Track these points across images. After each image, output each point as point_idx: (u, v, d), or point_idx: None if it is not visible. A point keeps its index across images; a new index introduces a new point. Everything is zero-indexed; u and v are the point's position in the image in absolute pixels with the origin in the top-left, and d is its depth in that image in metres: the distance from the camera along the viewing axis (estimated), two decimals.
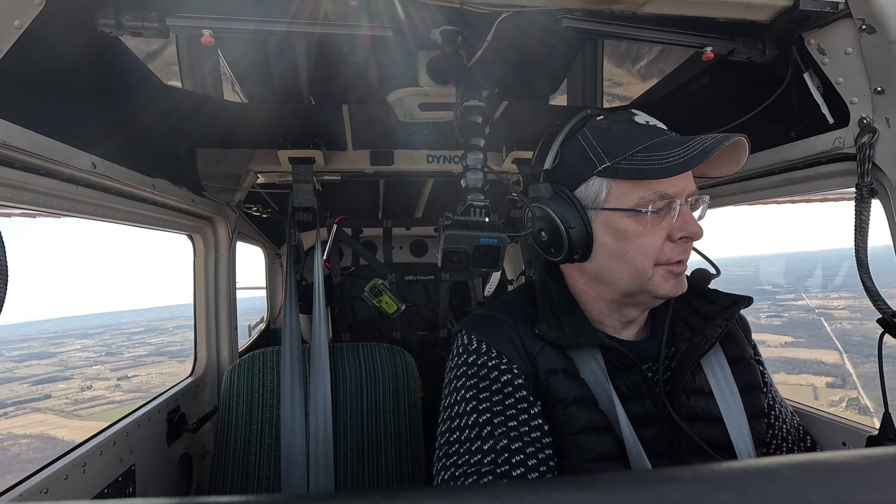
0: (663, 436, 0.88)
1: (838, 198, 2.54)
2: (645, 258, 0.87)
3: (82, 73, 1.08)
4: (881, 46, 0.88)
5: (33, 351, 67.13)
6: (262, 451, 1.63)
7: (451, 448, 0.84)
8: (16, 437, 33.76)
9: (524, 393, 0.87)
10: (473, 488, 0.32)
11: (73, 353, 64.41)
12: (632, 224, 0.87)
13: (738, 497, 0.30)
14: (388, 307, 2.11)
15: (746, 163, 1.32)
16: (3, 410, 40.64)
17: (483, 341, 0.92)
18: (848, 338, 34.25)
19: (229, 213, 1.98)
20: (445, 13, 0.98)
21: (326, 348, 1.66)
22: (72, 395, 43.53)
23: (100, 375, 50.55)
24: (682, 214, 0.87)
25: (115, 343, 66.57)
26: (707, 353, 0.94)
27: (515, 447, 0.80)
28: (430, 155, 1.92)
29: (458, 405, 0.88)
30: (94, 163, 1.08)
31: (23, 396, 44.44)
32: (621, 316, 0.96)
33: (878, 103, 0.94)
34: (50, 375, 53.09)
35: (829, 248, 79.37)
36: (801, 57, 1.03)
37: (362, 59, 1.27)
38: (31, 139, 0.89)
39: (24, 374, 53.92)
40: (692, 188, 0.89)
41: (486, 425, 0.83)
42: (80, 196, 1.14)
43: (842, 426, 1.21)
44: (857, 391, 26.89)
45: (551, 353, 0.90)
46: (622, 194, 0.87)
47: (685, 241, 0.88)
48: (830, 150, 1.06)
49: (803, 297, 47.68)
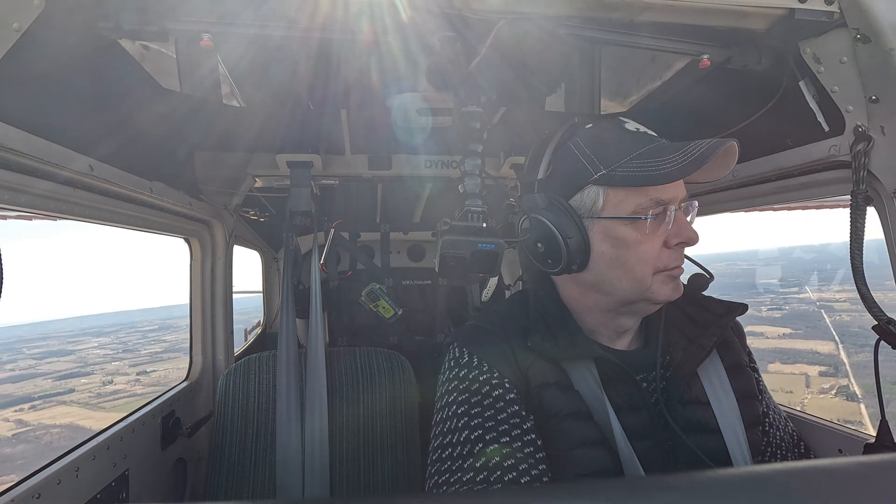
0: (659, 448, 0.87)
1: (834, 205, 2.56)
2: (644, 266, 0.86)
3: (81, 76, 1.08)
4: (876, 55, 0.89)
5: (52, 349, 69.19)
6: (257, 456, 1.62)
7: (444, 465, 0.83)
8: (47, 427, 36.07)
9: (516, 408, 0.85)
10: (470, 494, 0.32)
11: (92, 350, 66.74)
12: (630, 232, 0.86)
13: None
14: (385, 312, 2.10)
15: (743, 169, 1.34)
16: (30, 404, 42.70)
17: (475, 354, 0.91)
18: (846, 329, 34.93)
19: (227, 216, 1.97)
20: (444, 19, 0.99)
21: (323, 353, 1.65)
22: (94, 389, 46.18)
23: (119, 371, 52.84)
24: (677, 220, 0.87)
25: (131, 340, 68.72)
26: (703, 362, 0.93)
27: (508, 464, 0.79)
28: (428, 160, 1.92)
29: (449, 420, 0.87)
30: (91, 165, 1.08)
31: (48, 391, 47.05)
32: (616, 326, 0.95)
33: (873, 112, 0.95)
34: (71, 371, 55.36)
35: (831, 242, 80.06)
36: (797, 65, 1.04)
37: (361, 63, 1.28)
38: (29, 141, 0.89)
39: (46, 371, 56.72)
40: (684, 194, 0.89)
41: (478, 442, 0.82)
42: (78, 199, 1.14)
43: (838, 433, 1.21)
44: (848, 379, 27.62)
45: (544, 366, 0.89)
46: (619, 202, 0.86)
47: (680, 246, 0.88)
48: (826, 158, 1.07)
49: (806, 290, 48.32)
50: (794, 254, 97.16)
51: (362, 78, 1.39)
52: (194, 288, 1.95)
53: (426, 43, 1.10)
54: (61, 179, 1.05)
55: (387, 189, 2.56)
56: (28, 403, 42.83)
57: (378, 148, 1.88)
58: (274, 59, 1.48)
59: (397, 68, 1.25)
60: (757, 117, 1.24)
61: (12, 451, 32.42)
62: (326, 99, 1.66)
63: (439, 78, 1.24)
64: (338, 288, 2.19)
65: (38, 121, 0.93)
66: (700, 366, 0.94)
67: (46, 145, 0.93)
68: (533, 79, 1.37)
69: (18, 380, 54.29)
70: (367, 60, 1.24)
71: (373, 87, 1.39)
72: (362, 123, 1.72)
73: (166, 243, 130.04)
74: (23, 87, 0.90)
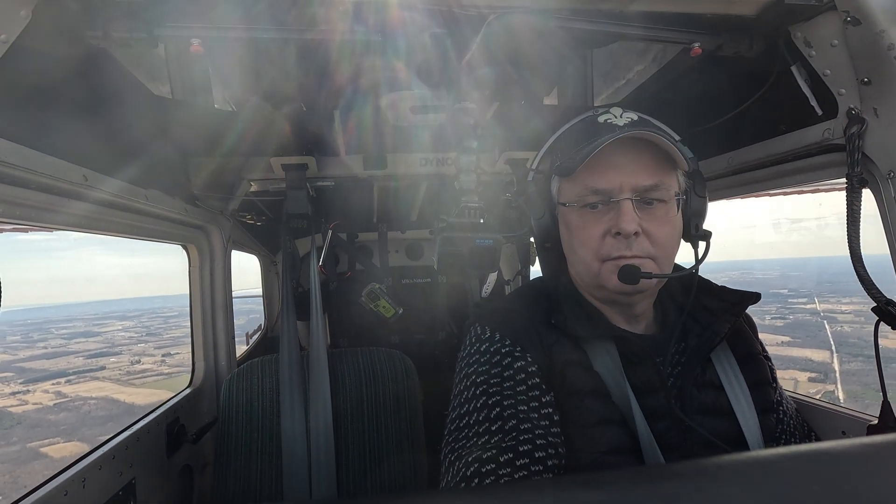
0: (675, 429, 0.89)
1: (829, 188, 2.56)
2: (585, 251, 0.91)
3: (71, 86, 1.07)
4: (867, 38, 0.89)
5: (79, 330, 72.49)
6: (263, 460, 1.62)
7: (461, 433, 0.85)
8: (84, 399, 39.67)
9: (536, 380, 0.88)
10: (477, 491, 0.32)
11: (117, 332, 70.39)
12: (575, 218, 0.93)
13: (742, 489, 0.30)
14: (386, 311, 2.11)
15: (737, 156, 1.34)
16: (66, 378, 45.76)
17: (497, 331, 0.93)
18: (844, 339, 36.31)
19: (223, 221, 1.97)
20: (434, 16, 0.98)
21: (325, 354, 1.65)
22: (123, 367, 49.50)
23: (145, 352, 55.79)
24: (620, 209, 0.88)
25: (154, 325, 72.06)
26: (716, 348, 0.95)
27: (524, 427, 0.81)
28: (423, 158, 1.92)
29: (468, 391, 0.89)
30: (85, 175, 1.07)
31: (80, 367, 50.45)
32: (620, 311, 0.97)
33: (865, 94, 0.95)
34: (100, 350, 58.42)
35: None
36: (788, 50, 1.04)
37: (353, 64, 1.27)
38: (22, 154, 0.88)
39: (76, 350, 60.03)
40: (635, 183, 0.88)
41: (494, 407, 0.84)
42: (73, 209, 1.14)
43: (841, 415, 1.22)
44: (836, 385, 29.05)
45: (566, 345, 0.91)
46: (567, 190, 0.95)
47: (620, 237, 0.88)
48: (820, 142, 1.07)
49: (814, 301, 49.55)
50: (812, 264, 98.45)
51: (354, 78, 1.39)
52: (194, 294, 1.94)
53: (417, 40, 1.10)
54: (55, 191, 1.04)
55: (383, 188, 2.55)
56: (64, 378, 45.65)
57: (372, 148, 1.87)
58: (264, 62, 1.47)
59: (388, 67, 1.25)
60: (750, 103, 1.24)
61: (56, 418, 34.99)
62: (319, 100, 1.65)
63: (431, 75, 1.24)
64: (338, 289, 2.19)
65: (31, 132, 0.92)
66: (713, 352, 0.96)
67: (39, 157, 0.93)
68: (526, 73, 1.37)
69: (52, 356, 57.37)
70: (357, 60, 1.23)
71: (365, 87, 1.39)
72: (356, 124, 1.71)
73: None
74: (13, 99, 0.89)
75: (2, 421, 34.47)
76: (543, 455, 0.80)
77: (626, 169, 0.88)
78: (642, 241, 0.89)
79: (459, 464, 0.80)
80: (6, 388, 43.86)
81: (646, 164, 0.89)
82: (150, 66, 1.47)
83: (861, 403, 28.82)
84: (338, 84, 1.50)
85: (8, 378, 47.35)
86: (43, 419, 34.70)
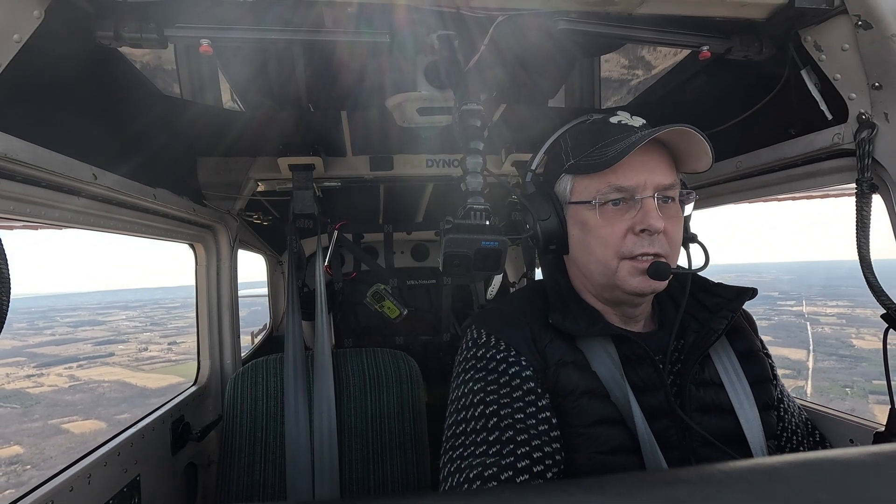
0: (675, 428, 0.89)
1: (839, 194, 2.54)
2: (605, 249, 0.90)
3: (82, 85, 1.08)
4: (878, 42, 0.88)
5: (84, 319, 74.88)
6: (267, 458, 1.63)
7: (458, 441, 0.85)
8: (97, 382, 41.25)
9: (532, 385, 0.88)
10: (480, 493, 0.32)
11: (121, 321, 72.71)
12: (592, 216, 0.91)
13: (748, 497, 0.30)
14: (391, 312, 2.10)
15: (746, 160, 1.33)
16: (77, 363, 47.88)
17: (492, 334, 0.94)
18: (823, 339, 37.39)
19: (230, 221, 1.98)
20: (442, 18, 0.99)
21: (329, 354, 1.66)
22: (132, 354, 51.52)
23: (151, 340, 57.69)
24: (644, 207, 0.88)
25: (157, 315, 74.51)
26: (714, 344, 0.95)
27: (521, 439, 0.81)
28: (429, 159, 1.92)
29: (465, 398, 0.89)
30: (94, 174, 1.08)
31: (90, 353, 52.81)
32: (622, 312, 0.97)
33: (876, 98, 0.94)
34: (108, 338, 60.64)
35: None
36: (798, 54, 1.04)
37: (360, 65, 1.28)
38: (33, 152, 0.89)
39: (84, 337, 62.99)
40: (657, 181, 0.88)
41: (492, 416, 0.84)
42: (82, 207, 1.15)
43: (849, 423, 1.21)
44: (806, 381, 30.15)
45: (561, 345, 0.91)
46: (584, 188, 0.93)
47: (645, 234, 0.88)
48: (830, 147, 1.06)
49: (801, 304, 50.19)
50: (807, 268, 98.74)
51: (361, 79, 1.39)
52: (200, 293, 1.95)
53: (424, 42, 1.10)
54: (65, 189, 1.05)
55: (389, 189, 2.56)
56: (76, 363, 47.79)
57: (379, 149, 1.88)
58: (273, 63, 1.48)
59: (396, 68, 1.25)
60: (759, 107, 1.23)
61: (72, 399, 36.63)
62: (326, 101, 1.66)
63: (438, 76, 1.24)
64: (343, 289, 2.20)
65: (41, 131, 0.93)
66: (712, 349, 0.96)
67: (50, 155, 0.94)
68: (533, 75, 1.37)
69: (61, 343, 59.63)
70: (365, 61, 1.24)
71: (372, 88, 1.39)
72: (363, 124, 1.72)
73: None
74: (25, 98, 0.90)
75: (22, 400, 36.01)
76: (542, 468, 0.80)
77: (648, 167, 0.88)
78: (662, 238, 0.89)
79: (460, 477, 0.81)
80: (21, 370, 45.70)
81: (663, 163, 0.90)
82: (160, 66, 1.48)
83: (826, 398, 28.93)
84: (345, 85, 1.51)
85: (21, 362, 49.16)
86: (60, 399, 36.09)
